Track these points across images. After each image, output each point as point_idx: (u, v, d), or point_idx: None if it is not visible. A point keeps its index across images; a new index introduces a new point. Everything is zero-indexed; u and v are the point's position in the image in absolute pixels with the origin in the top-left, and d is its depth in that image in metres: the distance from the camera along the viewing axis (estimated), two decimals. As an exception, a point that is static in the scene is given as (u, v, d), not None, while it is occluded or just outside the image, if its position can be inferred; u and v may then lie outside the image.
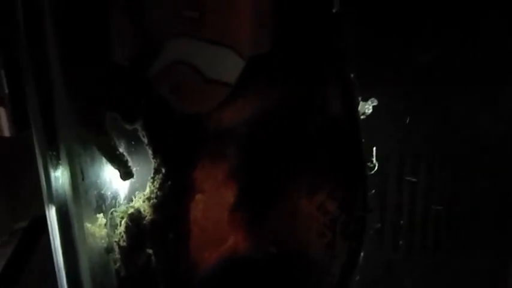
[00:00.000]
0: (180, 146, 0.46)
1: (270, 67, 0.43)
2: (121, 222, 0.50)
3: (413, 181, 0.62)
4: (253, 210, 0.47)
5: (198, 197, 0.48)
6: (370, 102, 0.45)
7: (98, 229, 0.51)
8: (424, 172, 0.64)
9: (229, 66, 0.42)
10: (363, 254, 0.49)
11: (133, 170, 0.50)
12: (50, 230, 0.48)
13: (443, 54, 0.57)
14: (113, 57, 0.43)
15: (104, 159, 0.50)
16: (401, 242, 0.66)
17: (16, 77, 0.47)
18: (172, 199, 0.47)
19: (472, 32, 0.57)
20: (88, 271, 0.48)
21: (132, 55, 0.43)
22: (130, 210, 0.50)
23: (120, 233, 0.50)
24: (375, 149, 0.48)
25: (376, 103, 0.45)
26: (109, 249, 0.51)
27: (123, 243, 0.50)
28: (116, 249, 0.51)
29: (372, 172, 0.47)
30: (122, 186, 0.52)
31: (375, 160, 0.47)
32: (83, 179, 0.48)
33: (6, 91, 0.50)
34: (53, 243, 0.48)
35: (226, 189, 0.47)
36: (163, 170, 0.48)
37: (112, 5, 0.41)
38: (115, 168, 0.50)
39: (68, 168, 0.47)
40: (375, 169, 0.47)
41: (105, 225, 0.51)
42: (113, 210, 0.51)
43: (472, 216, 0.64)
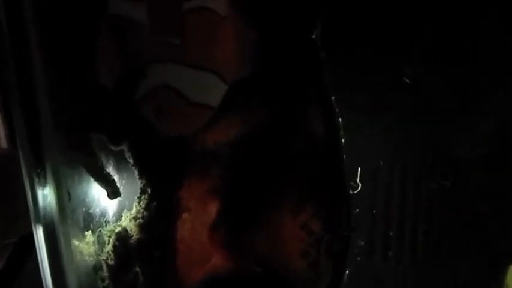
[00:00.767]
0: (165, 167, 0.47)
1: (252, 90, 0.44)
2: (109, 240, 0.51)
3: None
4: (238, 230, 0.47)
5: (184, 216, 0.48)
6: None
7: (86, 246, 0.52)
8: (412, 184, 0.64)
9: (212, 90, 0.43)
10: (347, 272, 0.49)
11: (121, 188, 0.50)
12: (37, 248, 0.48)
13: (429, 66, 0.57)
14: (98, 80, 0.44)
15: (91, 178, 0.50)
16: (390, 254, 0.67)
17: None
18: (158, 219, 0.48)
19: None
20: (76, 289, 0.49)
21: (117, 79, 0.43)
22: (118, 229, 0.50)
23: (108, 251, 0.51)
24: (359, 169, 0.49)
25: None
26: (97, 267, 0.52)
27: (111, 262, 0.51)
28: (104, 267, 0.51)
29: (356, 191, 0.48)
30: (110, 204, 0.53)
31: (358, 180, 0.48)
32: (69, 199, 0.48)
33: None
34: (40, 262, 0.48)
35: (212, 208, 0.48)
36: (149, 190, 0.48)
37: (98, 31, 0.42)
38: (102, 187, 0.50)
39: (54, 188, 0.47)
40: (358, 188, 0.48)
41: (94, 243, 0.52)
42: (100, 229, 0.51)
43: (461, 227, 0.65)
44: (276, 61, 0.44)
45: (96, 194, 0.52)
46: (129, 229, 0.50)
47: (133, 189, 0.51)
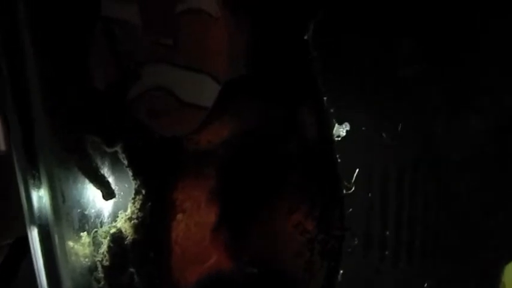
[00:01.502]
0: (159, 167, 0.47)
1: (245, 90, 0.44)
2: (104, 241, 0.51)
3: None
4: (232, 230, 0.47)
5: (178, 216, 0.49)
6: (344, 126, 0.46)
7: (81, 248, 0.52)
8: (408, 185, 0.65)
9: (205, 91, 0.43)
10: (341, 272, 0.49)
11: (116, 189, 0.51)
12: (32, 249, 0.48)
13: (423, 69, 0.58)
14: (91, 82, 0.44)
15: (86, 180, 0.50)
16: (387, 253, 0.67)
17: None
18: (152, 220, 0.48)
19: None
20: (71, 291, 0.49)
21: (110, 80, 0.43)
22: (113, 230, 0.50)
23: (103, 252, 0.51)
24: (357, 171, 0.49)
25: (349, 127, 0.46)
26: (92, 268, 0.52)
27: (106, 263, 0.51)
28: (99, 268, 0.51)
29: (350, 191, 0.48)
30: (106, 205, 0.53)
31: (353, 181, 0.48)
32: (64, 202, 0.48)
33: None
34: (35, 263, 0.49)
35: (206, 208, 0.48)
36: (143, 191, 0.48)
37: (90, 32, 0.42)
38: (97, 188, 0.50)
39: (49, 190, 0.47)
40: (352, 189, 0.48)
41: (89, 244, 0.52)
42: (96, 230, 0.51)
43: (457, 227, 0.65)
44: (269, 61, 0.44)
45: (91, 195, 0.52)
46: (123, 230, 0.50)
47: (128, 191, 0.51)
